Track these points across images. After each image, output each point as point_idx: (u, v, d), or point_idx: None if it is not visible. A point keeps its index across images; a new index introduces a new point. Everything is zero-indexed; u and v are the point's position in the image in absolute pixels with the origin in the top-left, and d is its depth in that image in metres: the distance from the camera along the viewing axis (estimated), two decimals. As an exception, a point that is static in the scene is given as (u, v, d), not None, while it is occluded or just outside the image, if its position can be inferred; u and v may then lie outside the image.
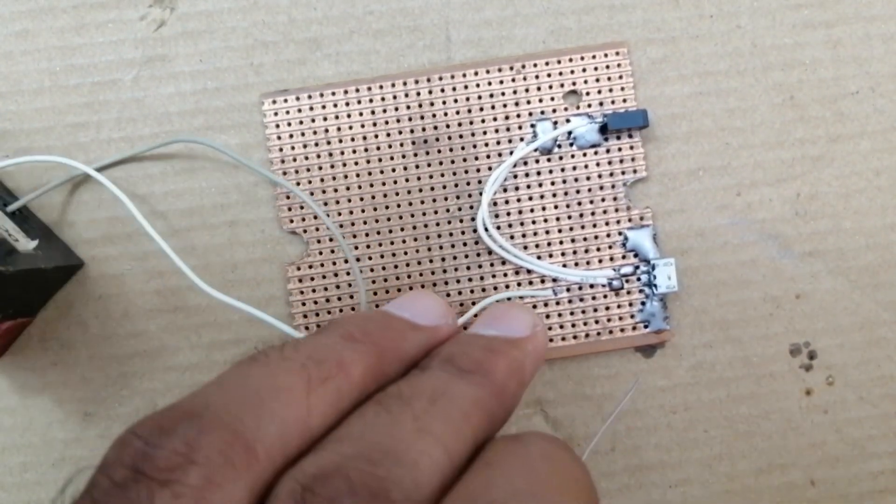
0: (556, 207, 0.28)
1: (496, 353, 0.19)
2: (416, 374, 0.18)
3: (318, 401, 0.15)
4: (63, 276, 0.28)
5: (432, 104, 0.28)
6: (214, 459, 0.12)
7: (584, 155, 0.28)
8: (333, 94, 0.28)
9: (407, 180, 0.28)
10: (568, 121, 0.28)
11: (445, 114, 0.28)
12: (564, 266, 0.28)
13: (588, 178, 0.28)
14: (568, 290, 0.28)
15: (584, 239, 0.28)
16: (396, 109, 0.28)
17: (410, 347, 0.19)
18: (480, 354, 0.19)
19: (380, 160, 0.28)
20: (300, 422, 0.14)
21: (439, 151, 0.28)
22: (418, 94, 0.28)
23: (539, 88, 0.28)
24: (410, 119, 0.28)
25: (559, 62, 0.28)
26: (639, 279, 0.28)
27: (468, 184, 0.28)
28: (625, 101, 0.28)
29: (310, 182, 0.28)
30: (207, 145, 0.28)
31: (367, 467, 0.13)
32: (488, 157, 0.28)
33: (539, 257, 0.28)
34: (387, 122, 0.28)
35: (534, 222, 0.28)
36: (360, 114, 0.28)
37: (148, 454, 0.12)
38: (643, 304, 0.28)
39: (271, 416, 0.14)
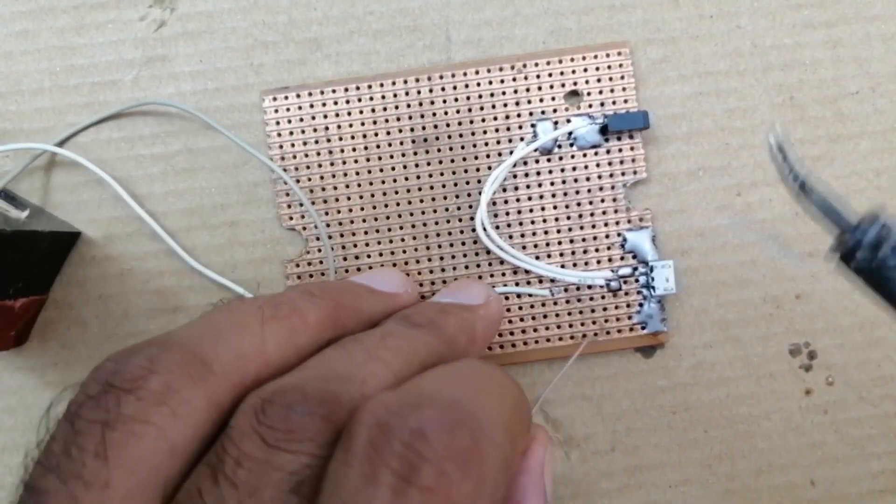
0: (555, 208, 0.28)
1: (447, 313, 0.21)
2: (374, 328, 0.19)
3: (272, 333, 0.17)
4: (63, 244, 0.28)
5: (433, 103, 0.28)
6: (173, 370, 0.14)
7: (585, 155, 0.28)
8: (334, 91, 0.28)
9: (406, 179, 0.28)
10: (568, 121, 0.28)
11: (445, 113, 0.28)
12: (563, 266, 0.28)
13: (588, 179, 0.28)
14: (566, 290, 0.28)
15: (583, 240, 0.28)
16: (397, 108, 0.28)
17: (368, 307, 0.21)
18: (433, 314, 0.21)
19: (379, 158, 0.28)
20: (255, 348, 0.16)
21: (439, 150, 0.28)
22: (419, 92, 0.28)
23: (540, 88, 0.28)
24: (410, 118, 0.28)
25: (560, 62, 0.28)
26: (637, 280, 0.28)
27: (467, 183, 0.28)
28: (626, 101, 0.28)
29: (309, 179, 0.28)
30: (175, 107, 0.28)
31: (321, 383, 0.15)
32: (488, 156, 0.28)
33: (538, 257, 0.28)
34: (387, 121, 0.28)
35: (533, 222, 0.28)
36: (361, 112, 0.28)
37: (117, 371, 0.14)
38: (641, 305, 0.28)
39: (227, 342, 0.16)
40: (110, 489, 0.13)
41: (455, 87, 0.28)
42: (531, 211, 0.28)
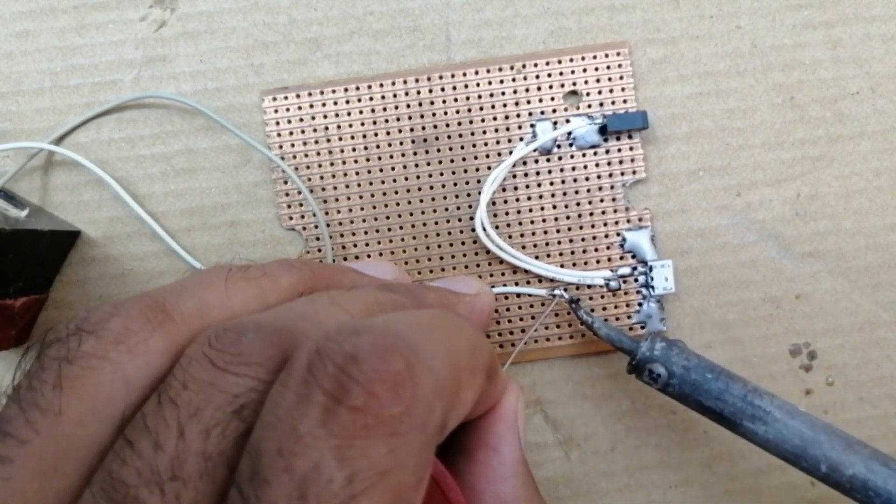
0: (554, 208, 0.28)
1: (429, 289, 0.22)
2: None
3: (237, 289, 0.17)
4: (63, 243, 0.28)
5: (432, 103, 0.28)
6: (133, 314, 0.15)
7: (584, 155, 0.28)
8: (333, 91, 0.28)
9: (406, 179, 0.28)
10: (568, 121, 0.28)
11: (445, 113, 0.28)
12: (562, 266, 0.28)
13: (587, 179, 0.28)
14: (565, 290, 0.28)
15: (583, 240, 0.28)
16: (396, 108, 0.28)
17: (348, 282, 0.21)
18: (413, 286, 0.21)
19: (379, 158, 0.28)
20: (219, 301, 0.17)
21: (439, 151, 0.28)
22: (418, 93, 0.28)
23: (539, 88, 0.28)
24: (410, 118, 0.28)
25: (559, 62, 0.28)
26: (636, 280, 0.28)
27: (467, 183, 0.28)
28: (625, 101, 0.28)
29: (309, 179, 0.28)
30: (175, 100, 0.28)
31: (278, 321, 0.15)
32: (487, 156, 0.28)
33: (537, 257, 0.28)
34: (387, 121, 0.28)
35: (532, 222, 0.28)
36: (361, 112, 0.28)
37: (86, 317, 0.15)
38: (640, 305, 0.28)
39: (190, 295, 0.16)
40: (63, 415, 0.14)
41: (455, 87, 0.28)
42: (531, 211, 0.28)
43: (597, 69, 0.28)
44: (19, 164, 0.28)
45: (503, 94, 0.28)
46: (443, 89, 0.28)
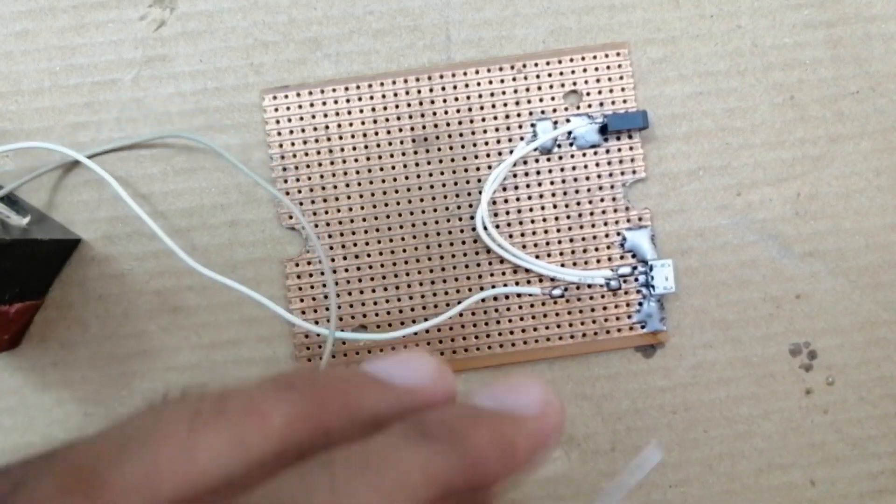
0: (555, 207, 0.28)
1: (480, 423, 0.15)
2: (367, 437, 0.14)
3: (206, 442, 0.13)
4: (62, 252, 0.28)
5: (433, 102, 0.28)
6: (47, 493, 0.11)
7: (584, 155, 0.28)
8: (334, 90, 0.28)
9: (407, 178, 0.28)
10: (568, 121, 0.28)
11: (446, 112, 0.28)
12: (563, 265, 0.28)
13: (587, 179, 0.28)
14: (566, 289, 0.28)
15: (583, 239, 0.28)
16: (397, 107, 0.28)
17: (370, 404, 0.15)
18: (459, 422, 0.15)
19: (380, 157, 0.28)
20: (175, 462, 0.12)
21: (439, 150, 0.28)
22: (419, 92, 0.28)
23: (539, 88, 0.28)
24: (411, 117, 0.28)
25: (560, 62, 0.28)
26: (636, 280, 0.28)
27: (468, 182, 0.28)
28: (625, 101, 0.28)
29: (309, 178, 0.28)
30: (206, 145, 0.28)
31: None
32: (488, 155, 0.28)
33: (537, 256, 0.28)
34: (387, 120, 0.28)
35: (533, 221, 0.28)
36: (361, 111, 0.28)
37: None
38: (640, 304, 0.28)
39: (137, 453, 0.12)
40: None
41: (455, 87, 0.28)
42: (531, 210, 0.28)
43: (597, 69, 0.28)
44: (22, 166, 0.28)
45: (503, 93, 0.28)
46: (443, 89, 0.28)
